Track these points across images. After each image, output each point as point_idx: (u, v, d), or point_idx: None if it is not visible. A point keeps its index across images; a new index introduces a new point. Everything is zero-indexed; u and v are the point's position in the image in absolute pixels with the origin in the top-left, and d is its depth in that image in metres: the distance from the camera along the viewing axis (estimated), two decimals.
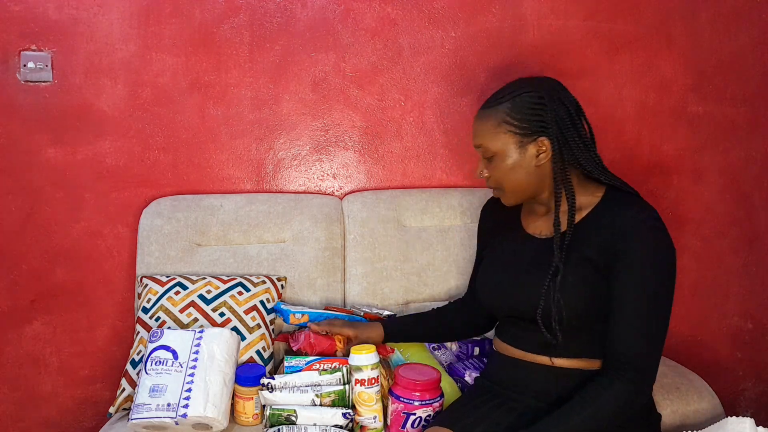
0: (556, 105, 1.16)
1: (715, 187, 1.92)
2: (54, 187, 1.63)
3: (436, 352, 1.51)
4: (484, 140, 1.20)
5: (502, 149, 1.18)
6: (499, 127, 1.18)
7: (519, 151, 1.17)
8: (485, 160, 1.23)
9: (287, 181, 1.75)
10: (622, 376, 1.05)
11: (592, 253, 1.11)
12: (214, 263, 1.57)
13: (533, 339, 1.18)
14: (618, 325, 1.07)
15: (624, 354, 1.06)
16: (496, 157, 1.19)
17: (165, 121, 1.67)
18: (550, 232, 1.21)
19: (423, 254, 1.64)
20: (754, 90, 1.91)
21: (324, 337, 1.37)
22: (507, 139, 1.17)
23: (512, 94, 1.18)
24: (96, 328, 1.68)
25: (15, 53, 1.59)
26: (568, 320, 1.11)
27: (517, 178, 1.19)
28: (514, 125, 1.17)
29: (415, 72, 1.76)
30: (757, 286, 1.97)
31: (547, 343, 1.15)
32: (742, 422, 1.08)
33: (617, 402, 1.05)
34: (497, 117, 1.18)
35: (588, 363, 1.14)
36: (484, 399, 1.22)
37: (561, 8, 1.79)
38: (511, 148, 1.18)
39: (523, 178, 1.19)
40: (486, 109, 1.22)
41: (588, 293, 1.11)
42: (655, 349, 1.08)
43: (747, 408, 2.01)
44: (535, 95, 1.17)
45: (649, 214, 1.10)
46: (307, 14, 1.70)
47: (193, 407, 1.19)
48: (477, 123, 1.23)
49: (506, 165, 1.19)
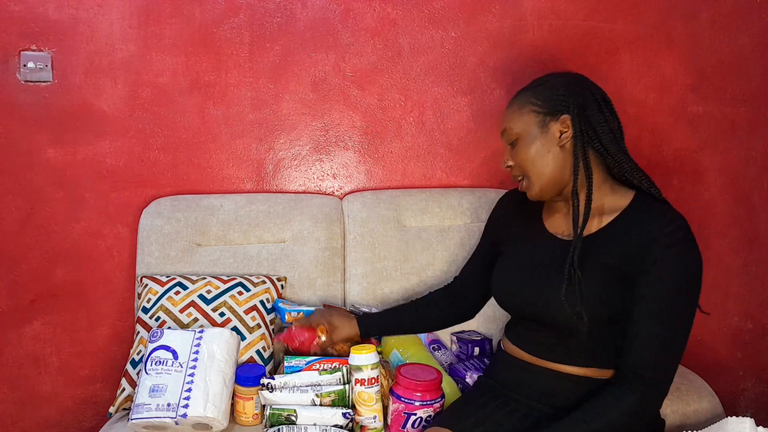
0: (580, 88, 1.16)
1: (715, 187, 1.92)
2: (54, 187, 1.63)
3: (436, 352, 1.51)
4: (508, 123, 1.19)
5: (524, 129, 1.17)
6: (523, 108, 1.18)
7: (541, 131, 1.15)
8: (509, 147, 1.21)
9: (287, 181, 1.75)
10: (636, 390, 1.02)
11: (613, 261, 1.08)
12: (214, 263, 1.57)
13: (544, 342, 1.16)
14: (637, 337, 1.04)
15: (640, 367, 1.03)
16: (519, 141, 1.18)
17: (165, 121, 1.67)
18: (571, 233, 1.17)
19: (423, 254, 1.64)
20: (754, 90, 1.91)
21: (305, 329, 1.36)
22: (529, 118, 1.16)
23: (538, 81, 1.20)
24: (96, 328, 1.68)
25: (15, 53, 1.59)
26: (580, 328, 1.08)
27: (541, 162, 1.15)
28: (537, 104, 1.16)
29: (415, 72, 1.76)
30: (757, 286, 1.97)
31: (558, 348, 1.14)
32: (742, 422, 1.08)
33: (628, 415, 1.02)
34: (521, 100, 1.19)
35: (597, 372, 1.13)
36: (486, 399, 1.22)
37: (561, 8, 1.79)
38: (534, 128, 1.16)
39: (548, 162, 1.15)
40: (513, 98, 1.22)
41: (602, 302, 1.08)
42: (672, 365, 1.05)
43: (747, 408, 2.01)
44: (560, 80, 1.18)
45: (678, 225, 1.06)
46: (307, 14, 1.70)
47: (193, 407, 1.19)
48: (504, 112, 1.23)
49: (529, 147, 1.16)
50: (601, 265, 1.09)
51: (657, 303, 1.04)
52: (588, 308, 1.07)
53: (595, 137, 1.14)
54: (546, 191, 1.18)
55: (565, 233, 1.19)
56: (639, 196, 1.15)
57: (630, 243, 1.07)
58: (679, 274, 1.04)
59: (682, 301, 1.05)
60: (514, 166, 1.21)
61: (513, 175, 1.22)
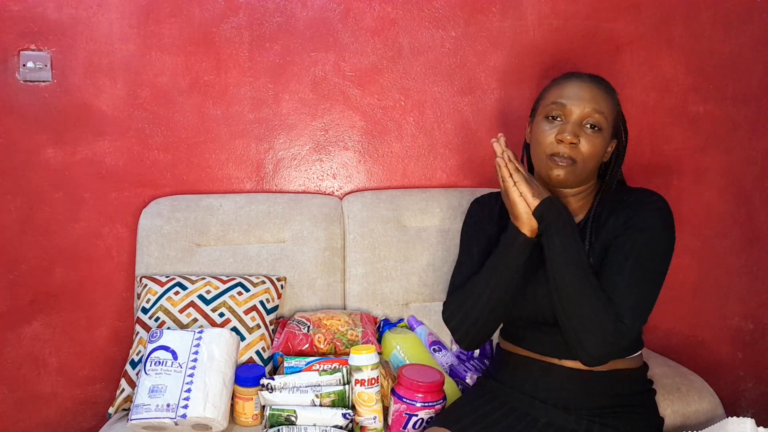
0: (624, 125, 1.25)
1: (716, 187, 1.92)
2: (53, 187, 1.63)
3: (436, 354, 1.51)
4: (600, 106, 1.16)
5: (607, 128, 1.17)
6: (615, 108, 1.20)
7: (608, 138, 1.19)
8: (584, 127, 1.16)
9: (287, 181, 1.75)
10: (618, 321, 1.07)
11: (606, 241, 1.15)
12: (213, 263, 1.57)
13: (544, 339, 1.18)
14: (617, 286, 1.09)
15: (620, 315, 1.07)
16: (596, 132, 1.16)
17: (164, 121, 1.67)
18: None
19: (423, 254, 1.63)
20: (754, 90, 1.90)
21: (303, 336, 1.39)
22: (611, 119, 1.18)
23: (614, 90, 1.22)
24: (95, 329, 1.68)
25: (14, 53, 1.58)
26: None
27: (595, 159, 1.17)
28: (616, 110, 1.21)
29: (415, 72, 1.76)
30: (758, 286, 1.96)
31: (557, 344, 1.15)
32: (743, 422, 1.07)
33: (605, 314, 1.06)
34: (614, 101, 1.20)
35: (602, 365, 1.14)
36: (485, 399, 1.22)
37: (561, 8, 1.79)
38: (608, 133, 1.19)
39: (595, 163, 1.18)
40: (603, 84, 1.20)
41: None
42: (639, 306, 1.09)
43: (747, 408, 2.01)
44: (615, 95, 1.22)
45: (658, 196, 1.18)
46: (306, 14, 1.70)
47: (193, 408, 1.19)
48: (595, 90, 1.18)
49: (599, 143, 1.16)
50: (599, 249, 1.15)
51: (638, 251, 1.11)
52: None
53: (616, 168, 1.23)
54: (575, 180, 1.18)
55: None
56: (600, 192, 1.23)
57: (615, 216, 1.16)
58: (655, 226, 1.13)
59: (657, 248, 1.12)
60: (576, 147, 1.15)
61: (562, 153, 1.15)
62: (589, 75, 1.21)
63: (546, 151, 1.17)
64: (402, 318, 1.60)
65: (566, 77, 1.22)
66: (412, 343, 1.49)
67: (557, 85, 1.21)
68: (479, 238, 1.29)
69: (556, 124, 1.17)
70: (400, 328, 1.56)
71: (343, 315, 1.49)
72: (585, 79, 1.19)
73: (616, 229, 1.15)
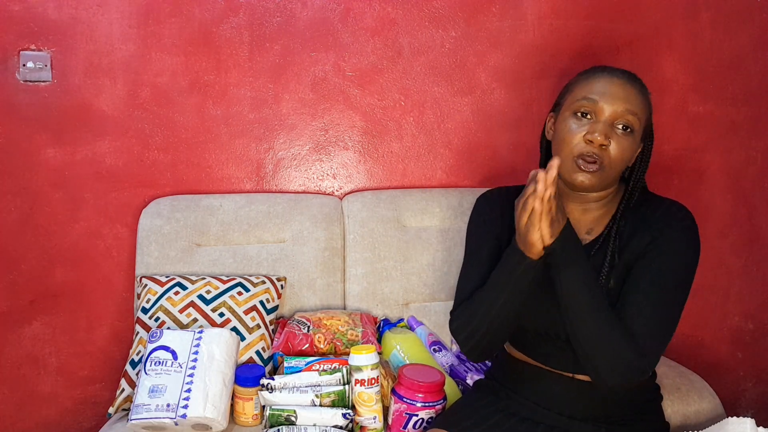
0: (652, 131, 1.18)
1: (716, 187, 1.92)
2: (53, 187, 1.63)
3: (437, 354, 1.51)
4: (633, 107, 1.08)
5: (639, 131, 1.10)
6: (647, 110, 1.12)
7: (638, 142, 1.12)
8: (616, 128, 1.08)
9: (287, 181, 1.75)
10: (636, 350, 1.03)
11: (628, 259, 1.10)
12: (213, 263, 1.57)
13: (556, 354, 1.14)
14: (638, 310, 1.05)
15: (638, 336, 1.03)
16: (628, 134, 1.08)
17: (164, 121, 1.67)
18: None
19: (423, 254, 1.63)
20: (754, 90, 1.90)
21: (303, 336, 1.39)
22: (644, 124, 1.12)
23: (635, 77, 1.13)
24: (95, 329, 1.68)
25: (14, 53, 1.58)
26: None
27: (623, 164, 1.10)
28: (649, 112, 1.13)
29: (415, 72, 1.76)
30: (758, 286, 1.96)
31: (570, 360, 1.12)
32: (743, 423, 1.07)
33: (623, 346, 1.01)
34: (647, 102, 1.12)
35: None
36: (487, 402, 1.21)
37: (561, 8, 1.79)
38: (639, 136, 1.11)
39: (622, 168, 1.11)
40: (638, 83, 1.12)
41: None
42: (663, 337, 1.05)
43: (748, 408, 2.01)
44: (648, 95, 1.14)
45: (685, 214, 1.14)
46: (306, 14, 1.70)
47: (193, 408, 1.19)
48: (629, 88, 1.09)
49: (629, 146, 1.09)
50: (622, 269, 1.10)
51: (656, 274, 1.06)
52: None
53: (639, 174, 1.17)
54: (602, 183, 1.11)
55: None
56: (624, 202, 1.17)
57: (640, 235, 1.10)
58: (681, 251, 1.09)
59: (682, 276, 1.08)
60: (606, 148, 1.07)
61: (591, 152, 1.07)
62: (622, 70, 1.12)
63: (573, 151, 1.08)
64: (402, 318, 1.60)
65: (597, 71, 1.12)
66: (412, 343, 1.49)
67: (587, 79, 1.12)
68: (488, 238, 1.20)
69: (585, 122, 1.08)
70: (400, 328, 1.56)
71: (343, 315, 1.49)
72: (618, 74, 1.10)
73: (641, 249, 1.09)
